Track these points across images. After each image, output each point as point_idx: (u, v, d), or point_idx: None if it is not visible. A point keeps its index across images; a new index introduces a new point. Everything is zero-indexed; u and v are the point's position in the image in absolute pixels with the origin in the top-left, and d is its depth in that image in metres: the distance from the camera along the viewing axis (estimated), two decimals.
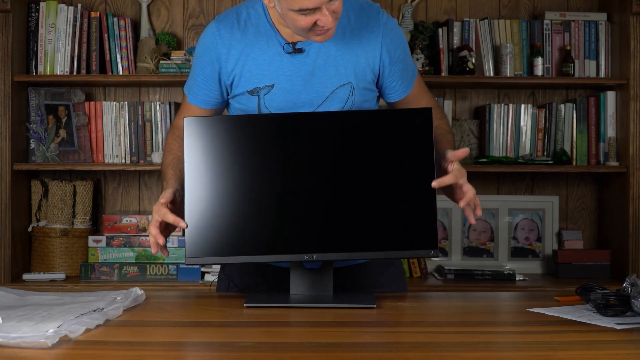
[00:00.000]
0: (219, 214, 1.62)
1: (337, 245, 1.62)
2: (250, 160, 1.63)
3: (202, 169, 1.63)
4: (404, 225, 1.62)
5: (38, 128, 3.12)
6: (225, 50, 1.75)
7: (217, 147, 1.64)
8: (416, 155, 1.63)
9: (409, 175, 1.62)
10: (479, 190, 3.37)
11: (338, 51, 1.74)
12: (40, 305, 1.48)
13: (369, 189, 1.62)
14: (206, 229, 1.62)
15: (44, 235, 3.13)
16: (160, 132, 3.19)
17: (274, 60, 1.74)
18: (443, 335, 1.36)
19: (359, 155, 1.63)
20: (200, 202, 1.62)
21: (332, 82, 1.74)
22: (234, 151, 1.63)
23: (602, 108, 3.21)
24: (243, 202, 1.62)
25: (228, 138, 1.64)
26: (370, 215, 1.61)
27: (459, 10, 3.36)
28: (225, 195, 1.62)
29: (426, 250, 1.61)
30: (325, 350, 1.23)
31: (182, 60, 3.16)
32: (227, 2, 3.34)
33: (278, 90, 1.74)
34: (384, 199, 1.62)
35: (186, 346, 1.27)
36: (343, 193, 1.62)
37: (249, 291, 1.80)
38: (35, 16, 3.13)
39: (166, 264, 3.08)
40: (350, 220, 1.62)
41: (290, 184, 1.63)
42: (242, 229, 1.62)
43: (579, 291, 1.56)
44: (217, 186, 1.63)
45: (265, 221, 1.62)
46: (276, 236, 1.63)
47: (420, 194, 1.62)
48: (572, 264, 3.17)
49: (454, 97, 3.37)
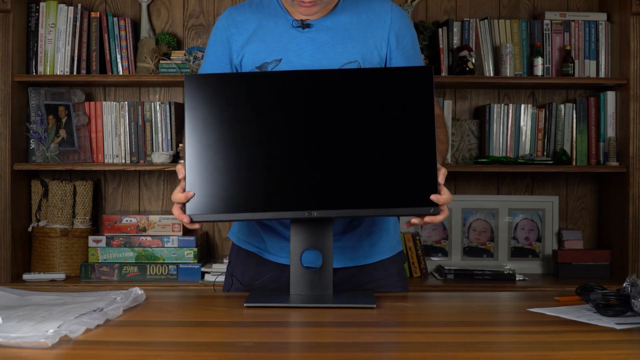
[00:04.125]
0: (219, 171, 1.62)
1: (337, 202, 1.62)
2: (250, 118, 1.63)
3: (202, 127, 1.63)
4: (405, 182, 1.61)
5: (38, 128, 3.12)
6: (236, 30, 1.82)
7: (217, 104, 1.63)
8: (416, 113, 1.62)
9: (409, 133, 1.62)
10: (478, 190, 3.38)
11: (346, 31, 1.79)
12: (40, 305, 1.48)
13: (369, 146, 1.62)
14: (206, 187, 1.61)
15: (44, 235, 3.13)
16: (160, 132, 3.19)
17: (283, 36, 1.80)
18: (443, 335, 1.36)
19: (359, 112, 1.63)
20: (200, 160, 1.62)
21: (339, 58, 1.78)
22: (234, 108, 1.63)
23: (602, 108, 3.22)
24: (243, 160, 1.62)
25: (228, 95, 1.64)
26: (371, 172, 1.61)
27: (459, 10, 3.37)
28: (226, 152, 1.62)
29: (426, 208, 1.61)
30: (325, 350, 1.23)
31: (182, 60, 3.16)
32: (227, 2, 3.34)
33: (285, 65, 1.78)
34: (384, 156, 1.62)
35: (186, 346, 1.27)
36: (343, 150, 1.62)
37: (251, 287, 1.81)
38: (35, 16, 3.13)
39: (166, 264, 3.08)
40: (351, 177, 1.62)
41: (291, 141, 1.63)
42: (243, 187, 1.62)
43: (579, 291, 1.56)
44: (217, 143, 1.62)
45: (265, 178, 1.62)
46: (277, 193, 1.62)
47: (420, 151, 1.61)
48: (572, 264, 3.17)
49: (454, 97, 3.37)
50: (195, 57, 3.14)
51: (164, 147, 3.19)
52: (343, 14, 1.81)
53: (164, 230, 3.11)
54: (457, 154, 3.28)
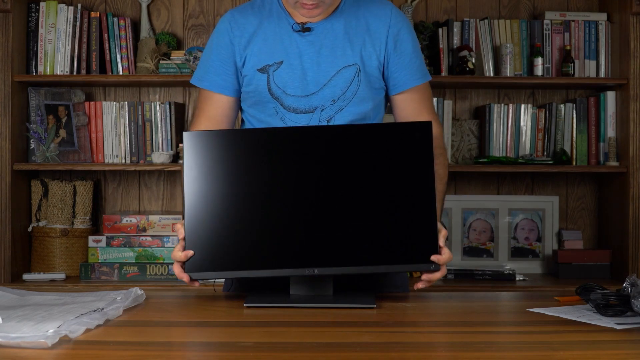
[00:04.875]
0: (218, 228, 1.62)
1: (338, 259, 1.62)
2: (249, 175, 1.63)
3: (202, 183, 1.62)
4: (405, 239, 1.62)
5: (38, 128, 3.12)
6: (239, 32, 1.82)
7: (216, 161, 1.63)
8: (416, 169, 1.62)
9: (409, 189, 1.62)
10: (478, 190, 3.38)
11: (346, 34, 1.80)
12: (40, 305, 1.48)
13: (369, 202, 1.62)
14: (206, 245, 1.62)
15: (44, 235, 3.13)
16: (160, 132, 3.19)
17: (284, 38, 1.80)
18: (443, 335, 1.36)
19: (359, 168, 1.63)
20: (199, 217, 1.62)
21: (338, 62, 1.79)
22: (233, 165, 1.63)
23: (602, 108, 3.22)
24: (243, 217, 1.62)
25: (227, 152, 1.63)
26: (371, 229, 1.61)
27: (459, 10, 3.36)
28: (225, 209, 1.62)
29: (427, 265, 1.62)
30: (325, 350, 1.23)
31: (182, 60, 3.16)
32: (227, 2, 3.34)
33: (286, 67, 1.78)
34: (384, 213, 1.62)
35: (186, 346, 1.27)
36: (343, 207, 1.62)
37: (252, 287, 1.81)
38: (35, 16, 3.13)
39: (166, 264, 3.08)
40: (351, 234, 1.61)
41: (290, 198, 1.63)
42: (242, 244, 1.62)
43: (579, 291, 1.56)
44: (217, 201, 1.62)
45: (265, 236, 1.62)
46: (277, 250, 1.62)
47: (421, 208, 1.61)
48: (572, 264, 3.17)
49: (454, 97, 3.37)
50: (195, 57, 3.14)
51: (164, 147, 3.19)
52: (343, 17, 1.81)
53: (164, 230, 3.11)
54: (457, 154, 3.28)
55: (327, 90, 1.78)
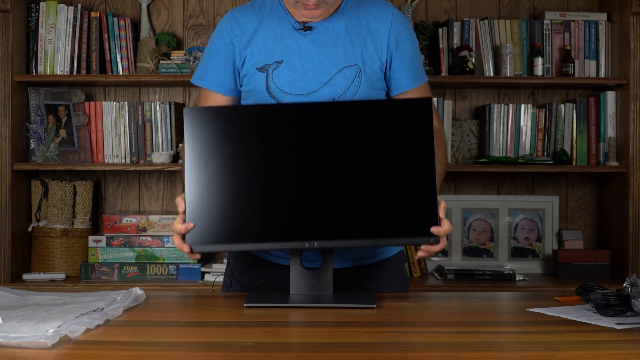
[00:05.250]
0: (219, 203, 1.62)
1: (337, 233, 1.62)
2: (249, 150, 1.63)
3: (202, 159, 1.63)
4: (405, 213, 1.62)
5: (38, 128, 3.12)
6: (239, 31, 1.82)
7: (216, 137, 1.64)
8: (415, 143, 1.63)
9: (409, 163, 1.63)
10: (478, 190, 3.38)
11: (347, 34, 1.80)
12: (40, 305, 1.48)
13: (369, 177, 1.62)
14: (206, 218, 1.62)
15: (44, 235, 3.13)
16: (160, 132, 3.19)
17: (284, 37, 1.80)
18: (443, 335, 1.36)
19: (359, 144, 1.63)
20: (200, 191, 1.62)
21: (339, 61, 1.79)
22: (233, 140, 1.64)
23: (602, 108, 3.22)
24: (243, 191, 1.63)
25: (228, 127, 1.64)
26: (371, 203, 1.62)
27: (459, 10, 3.36)
28: (225, 184, 1.62)
29: (427, 237, 1.62)
30: (325, 350, 1.23)
31: (182, 60, 3.16)
32: (227, 2, 3.34)
33: (286, 67, 1.78)
34: (385, 187, 1.62)
35: (186, 346, 1.27)
36: (342, 181, 1.63)
37: (251, 288, 1.81)
38: (35, 16, 3.13)
39: (166, 264, 3.08)
40: (351, 208, 1.62)
41: (290, 172, 1.63)
42: (243, 218, 1.62)
43: (579, 291, 1.56)
44: (217, 175, 1.63)
45: (265, 209, 1.63)
46: (276, 224, 1.63)
47: (420, 181, 1.62)
48: (572, 264, 3.17)
49: (454, 97, 3.37)
50: (195, 57, 3.14)
51: (164, 147, 3.19)
52: (344, 18, 1.81)
53: (164, 230, 3.11)
54: (457, 154, 3.28)
55: (328, 89, 1.78)
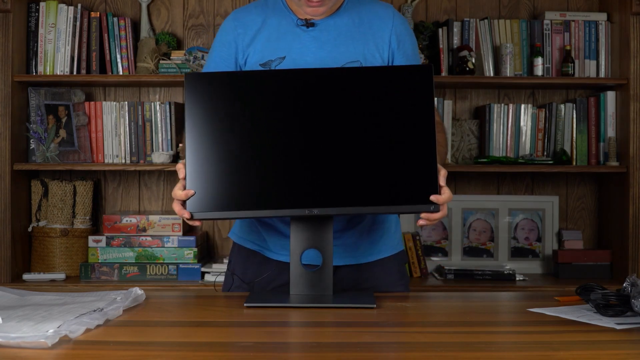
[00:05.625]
0: (219, 169, 1.62)
1: (338, 200, 1.62)
2: (249, 116, 1.64)
3: (202, 125, 1.63)
4: (405, 180, 1.62)
5: (38, 128, 3.12)
6: (243, 30, 1.84)
7: (217, 103, 1.64)
8: (416, 111, 1.63)
9: (410, 132, 1.63)
10: (478, 190, 3.38)
11: (349, 31, 1.82)
12: (40, 305, 1.48)
13: (369, 144, 1.62)
14: (207, 185, 1.62)
15: (44, 235, 3.13)
16: (160, 132, 3.19)
17: (287, 34, 1.82)
18: (443, 335, 1.36)
19: (359, 110, 1.64)
20: (200, 158, 1.62)
21: (341, 58, 1.81)
22: (233, 107, 1.64)
23: (602, 108, 3.22)
24: (243, 158, 1.62)
25: (228, 94, 1.64)
26: (371, 170, 1.62)
27: (459, 10, 3.36)
28: (226, 150, 1.62)
29: (426, 205, 1.61)
30: (325, 350, 1.23)
31: (182, 60, 3.16)
32: (227, 2, 3.34)
33: (288, 62, 1.80)
34: (385, 154, 1.62)
35: (186, 346, 1.27)
36: (343, 148, 1.63)
37: (253, 285, 1.81)
38: (35, 16, 3.13)
39: (166, 264, 3.08)
40: (351, 175, 1.62)
41: (290, 139, 1.63)
42: (243, 185, 1.62)
43: (579, 291, 1.56)
44: (218, 142, 1.62)
45: (266, 176, 1.62)
46: (277, 191, 1.63)
47: (421, 150, 1.62)
48: (572, 264, 3.17)
49: (454, 97, 3.37)
50: (195, 57, 3.14)
51: (164, 147, 3.19)
52: (346, 15, 1.84)
53: (164, 230, 3.11)
54: (457, 154, 3.28)
55: None
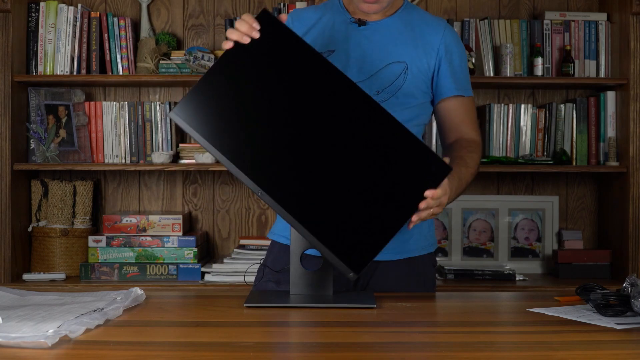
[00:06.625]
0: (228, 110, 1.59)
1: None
2: (271, 91, 1.60)
3: (237, 70, 1.59)
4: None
5: (38, 128, 3.12)
6: (299, 24, 1.91)
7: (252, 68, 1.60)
8: (415, 191, 1.56)
9: (402, 194, 1.58)
10: (479, 191, 3.38)
11: (399, 35, 1.87)
12: (40, 305, 1.48)
13: (361, 178, 1.58)
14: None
15: (44, 235, 3.13)
16: (160, 132, 3.19)
17: (340, 30, 1.88)
18: (443, 335, 1.36)
19: (364, 144, 1.58)
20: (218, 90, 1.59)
21: (388, 57, 1.85)
22: (269, 72, 1.60)
23: (602, 108, 3.22)
24: (257, 125, 1.59)
25: (265, 61, 1.60)
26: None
27: (459, 10, 3.36)
28: (242, 107, 1.59)
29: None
30: (325, 350, 1.23)
31: (182, 60, 3.16)
32: (227, 3, 3.34)
33: (337, 56, 1.84)
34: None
35: (186, 346, 1.27)
36: (339, 168, 1.58)
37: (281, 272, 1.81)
38: (35, 16, 3.13)
39: (166, 264, 3.08)
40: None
41: (295, 128, 1.60)
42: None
43: (579, 291, 1.56)
44: (239, 94, 1.59)
45: (268, 149, 1.59)
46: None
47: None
48: (572, 264, 3.17)
49: None
50: (195, 57, 3.14)
51: (164, 147, 3.19)
52: (399, 20, 1.89)
53: (164, 230, 3.11)
54: None
55: (373, 81, 1.84)
